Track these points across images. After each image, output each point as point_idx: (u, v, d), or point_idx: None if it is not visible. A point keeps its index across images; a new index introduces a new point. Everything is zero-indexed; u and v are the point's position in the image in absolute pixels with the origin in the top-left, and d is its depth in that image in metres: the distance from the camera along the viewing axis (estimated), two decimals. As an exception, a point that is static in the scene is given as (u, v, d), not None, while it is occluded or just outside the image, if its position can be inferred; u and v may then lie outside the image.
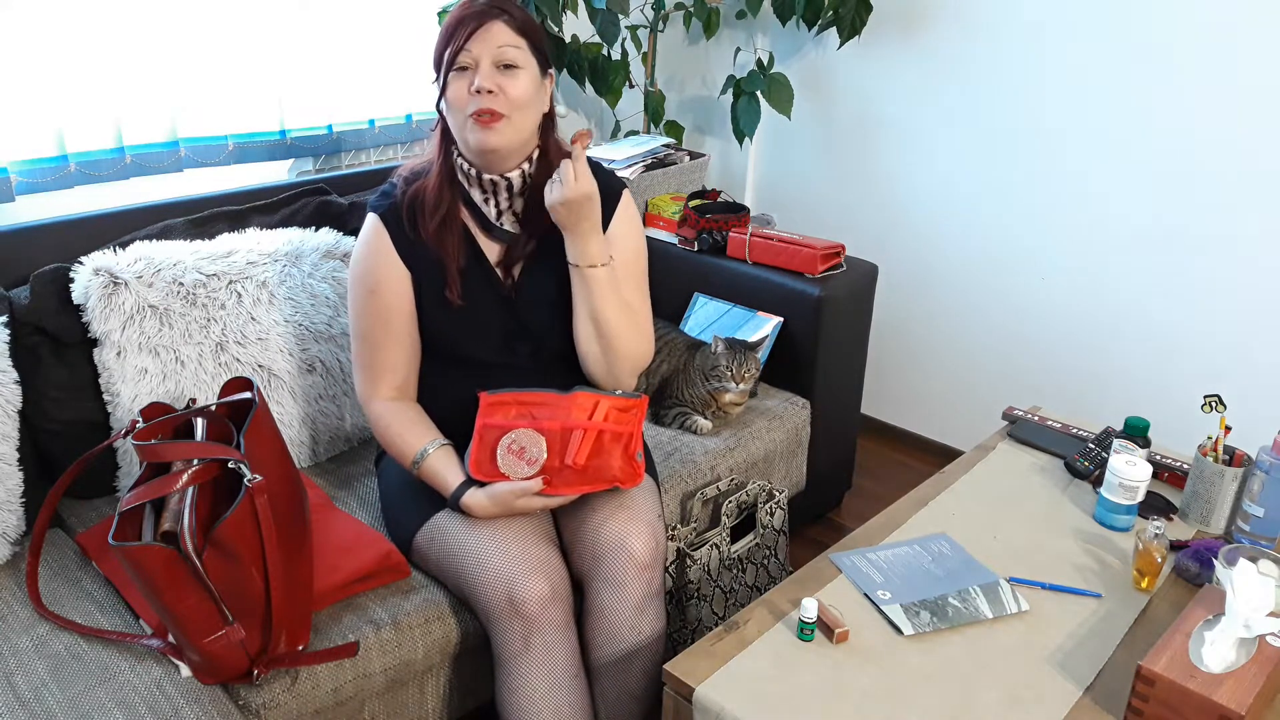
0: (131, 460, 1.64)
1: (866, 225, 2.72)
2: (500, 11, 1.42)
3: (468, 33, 1.41)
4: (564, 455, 1.43)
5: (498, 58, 1.42)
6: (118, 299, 1.58)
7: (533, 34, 1.46)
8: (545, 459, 1.43)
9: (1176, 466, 1.73)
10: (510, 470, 1.43)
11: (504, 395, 1.46)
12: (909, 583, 1.43)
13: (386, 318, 1.52)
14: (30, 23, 1.77)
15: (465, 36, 1.41)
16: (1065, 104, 2.27)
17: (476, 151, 1.47)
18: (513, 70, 1.43)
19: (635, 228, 1.63)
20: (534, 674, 1.39)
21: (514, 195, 1.54)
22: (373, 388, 1.55)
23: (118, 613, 1.41)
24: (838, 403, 2.28)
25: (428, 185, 1.52)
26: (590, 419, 1.44)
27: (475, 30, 1.41)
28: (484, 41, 1.41)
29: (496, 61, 1.42)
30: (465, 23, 1.41)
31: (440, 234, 1.50)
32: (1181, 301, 2.22)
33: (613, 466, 1.44)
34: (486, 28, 1.41)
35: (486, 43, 1.41)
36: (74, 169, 1.89)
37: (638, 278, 1.62)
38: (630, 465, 1.46)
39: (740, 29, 2.79)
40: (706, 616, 1.76)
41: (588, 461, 1.44)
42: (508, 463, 1.43)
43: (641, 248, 1.64)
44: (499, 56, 1.42)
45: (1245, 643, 1.16)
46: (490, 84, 1.41)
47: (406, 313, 1.53)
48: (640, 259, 1.63)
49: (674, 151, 2.59)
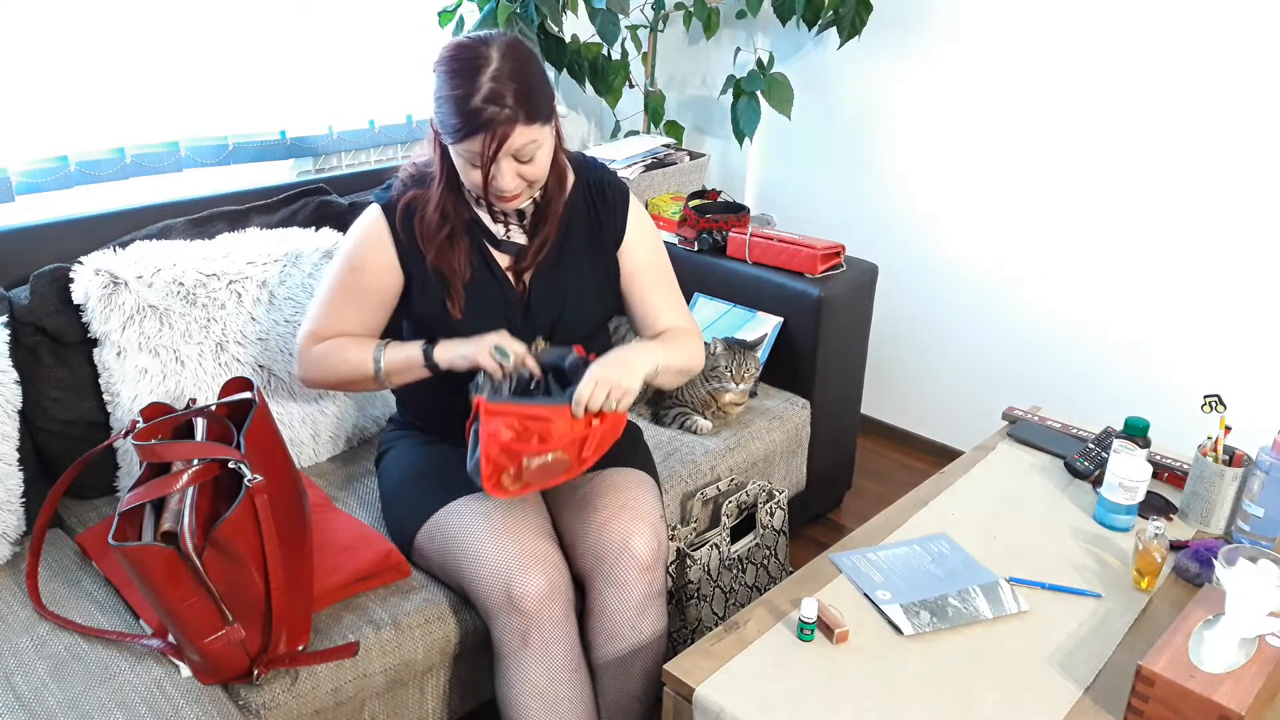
0: (131, 460, 1.64)
1: (866, 225, 2.72)
2: (511, 114, 1.32)
3: (491, 148, 1.34)
4: (580, 452, 1.41)
5: (517, 155, 1.38)
6: (118, 299, 1.58)
7: (542, 109, 1.37)
8: (568, 465, 1.41)
9: (1176, 466, 1.73)
10: (540, 480, 1.41)
11: (504, 406, 1.38)
12: (909, 583, 1.43)
13: (359, 295, 1.53)
14: (31, 23, 1.77)
15: (489, 150, 1.34)
16: (1065, 104, 2.27)
17: None
18: (531, 157, 1.39)
19: (649, 229, 1.64)
20: (533, 668, 1.39)
21: (525, 215, 1.54)
22: (312, 340, 1.55)
23: (118, 613, 1.41)
24: (838, 403, 2.28)
25: (428, 204, 1.48)
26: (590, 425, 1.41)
27: (496, 145, 1.34)
28: (504, 149, 1.35)
29: (516, 158, 1.38)
30: (480, 133, 1.33)
31: (443, 253, 1.48)
32: (1181, 301, 2.22)
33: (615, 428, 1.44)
34: (507, 140, 1.34)
35: (506, 149, 1.36)
36: (74, 169, 1.88)
37: (666, 278, 1.64)
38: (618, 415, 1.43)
39: (740, 29, 2.79)
40: (706, 616, 1.76)
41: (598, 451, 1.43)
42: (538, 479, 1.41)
43: (660, 246, 1.65)
44: (519, 154, 1.38)
45: (1245, 643, 1.16)
46: (514, 185, 1.39)
47: (380, 299, 1.53)
48: (662, 257, 1.65)
49: (674, 151, 2.59)
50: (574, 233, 1.57)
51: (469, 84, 1.32)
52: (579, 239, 1.57)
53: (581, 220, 1.58)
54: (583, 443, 1.40)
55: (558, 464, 1.39)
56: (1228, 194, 2.10)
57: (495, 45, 1.35)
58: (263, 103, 2.13)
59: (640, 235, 1.62)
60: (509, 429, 1.36)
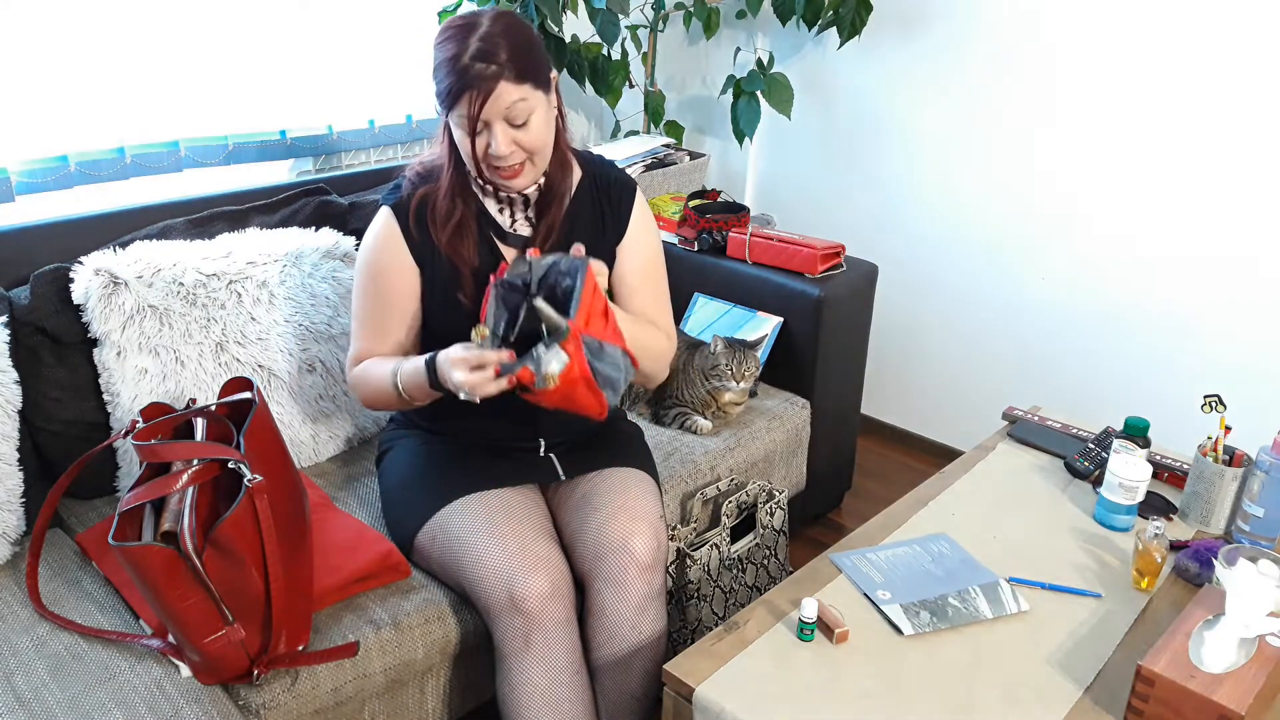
0: (131, 460, 1.64)
1: (866, 225, 2.72)
2: (498, 69, 1.34)
3: (477, 104, 1.34)
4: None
5: (508, 117, 1.38)
6: (118, 299, 1.58)
7: (532, 68, 1.38)
8: None
9: (1176, 466, 1.73)
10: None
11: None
12: (909, 583, 1.43)
13: (386, 306, 1.53)
14: (31, 23, 1.77)
15: (474, 106, 1.35)
16: (1065, 103, 2.27)
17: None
18: (525, 121, 1.39)
19: (651, 229, 1.64)
20: (534, 670, 1.39)
21: (530, 204, 1.54)
22: (353, 362, 1.56)
23: (118, 613, 1.41)
24: (838, 403, 2.28)
25: (439, 193, 1.49)
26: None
27: (482, 100, 1.34)
28: (492, 107, 1.36)
29: (508, 120, 1.38)
30: (468, 89, 1.34)
31: (454, 242, 1.49)
32: (1181, 301, 2.22)
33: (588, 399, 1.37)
34: (493, 95, 1.34)
35: (494, 107, 1.36)
36: (74, 169, 1.89)
37: (656, 280, 1.64)
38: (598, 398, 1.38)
39: (740, 29, 2.79)
40: (706, 616, 1.76)
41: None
42: None
43: (658, 247, 1.65)
44: (510, 116, 1.38)
45: (1245, 643, 1.16)
46: (507, 149, 1.39)
47: (407, 305, 1.53)
48: (657, 259, 1.64)
49: (674, 151, 2.59)
50: (579, 227, 1.56)
51: (459, 45, 1.35)
52: (584, 234, 1.57)
53: (587, 214, 1.58)
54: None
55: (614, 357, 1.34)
56: (1227, 194, 2.10)
57: (488, 14, 1.38)
58: (263, 102, 2.13)
59: (641, 235, 1.61)
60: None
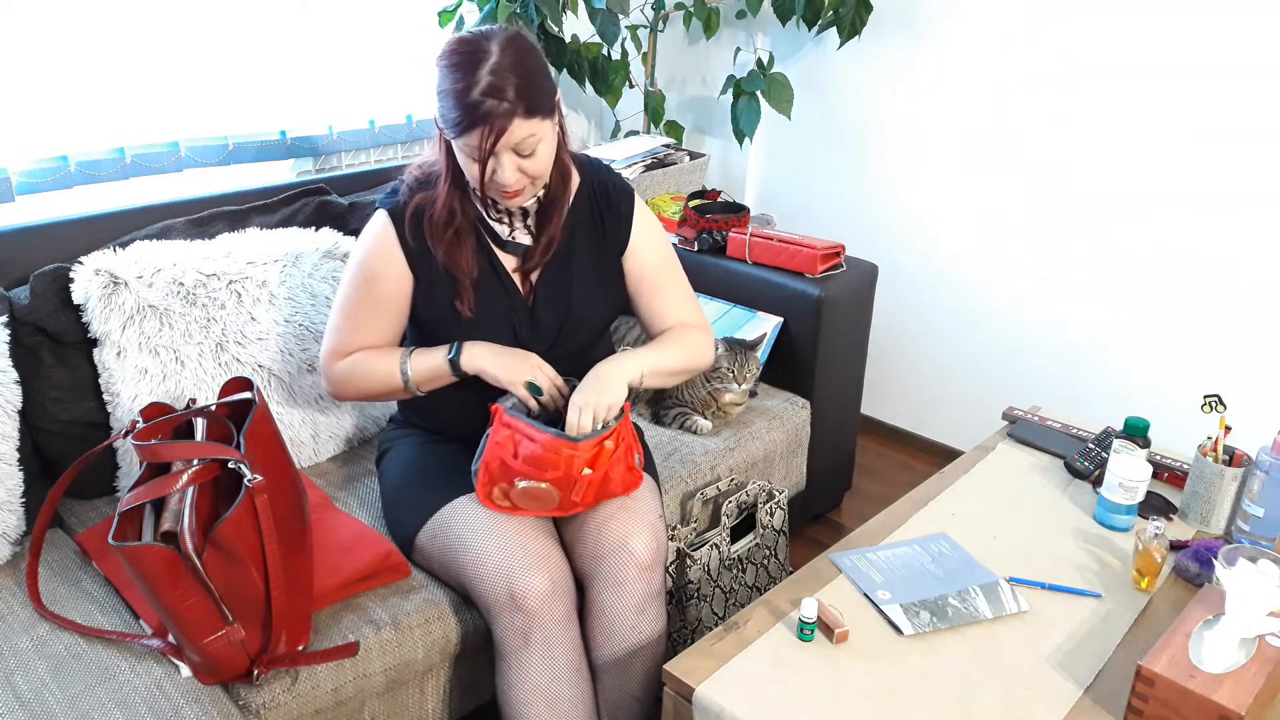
0: (131, 460, 1.64)
1: (866, 225, 2.72)
2: (510, 107, 1.32)
3: (489, 141, 1.33)
4: (570, 494, 1.43)
5: (517, 149, 1.37)
6: (118, 299, 1.58)
7: (542, 101, 1.37)
8: (557, 502, 1.43)
9: (1176, 466, 1.73)
10: (525, 505, 1.44)
11: (516, 422, 1.41)
12: (909, 583, 1.43)
13: (374, 306, 1.53)
14: (31, 24, 1.77)
15: (487, 142, 1.33)
16: (1065, 103, 2.27)
17: None
18: (532, 151, 1.38)
19: (656, 228, 1.64)
20: (534, 668, 1.39)
21: (529, 216, 1.54)
22: (335, 356, 1.55)
23: (118, 613, 1.41)
24: (837, 403, 2.28)
25: (436, 201, 1.48)
26: (594, 468, 1.42)
27: (495, 138, 1.33)
28: (504, 142, 1.35)
29: (517, 151, 1.37)
30: (478, 125, 1.32)
31: (451, 251, 1.49)
32: (1181, 302, 2.22)
33: (614, 483, 1.47)
34: (506, 133, 1.33)
35: (505, 142, 1.35)
36: (74, 169, 1.89)
37: (675, 275, 1.65)
38: (630, 474, 1.49)
39: (740, 29, 2.79)
40: (706, 616, 1.76)
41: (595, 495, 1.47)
42: (523, 503, 1.44)
43: (666, 244, 1.65)
44: (519, 148, 1.37)
45: (1245, 643, 1.16)
46: (514, 177, 1.39)
47: (395, 307, 1.53)
48: (670, 255, 1.65)
49: (674, 151, 2.59)
50: (579, 235, 1.57)
51: (468, 77, 1.32)
52: (584, 241, 1.57)
53: (586, 222, 1.58)
54: (573, 485, 1.42)
55: (547, 496, 1.42)
56: (1227, 194, 2.10)
57: (496, 39, 1.35)
58: (263, 103, 2.13)
59: (647, 238, 1.61)
60: (511, 444, 1.41)
